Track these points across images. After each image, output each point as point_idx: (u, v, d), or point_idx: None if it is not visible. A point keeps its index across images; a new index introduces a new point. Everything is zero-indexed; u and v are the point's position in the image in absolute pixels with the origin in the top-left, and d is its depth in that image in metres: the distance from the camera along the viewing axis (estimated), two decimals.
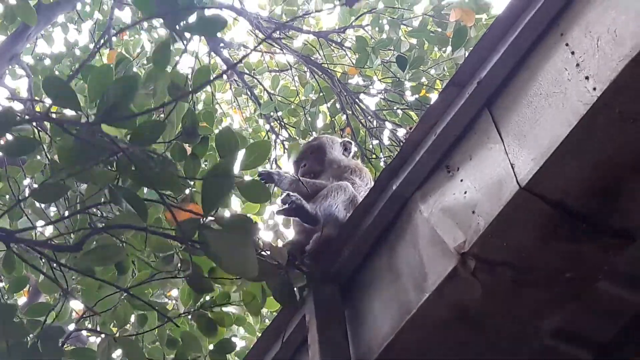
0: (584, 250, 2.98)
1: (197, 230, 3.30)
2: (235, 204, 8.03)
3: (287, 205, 4.18)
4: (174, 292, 7.07)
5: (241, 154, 3.89)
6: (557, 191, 2.84)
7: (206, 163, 4.75)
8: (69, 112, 3.75)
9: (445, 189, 3.29)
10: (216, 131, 4.05)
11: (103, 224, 4.24)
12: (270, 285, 3.74)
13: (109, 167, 3.74)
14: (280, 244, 4.61)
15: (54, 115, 3.71)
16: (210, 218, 3.30)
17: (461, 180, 3.20)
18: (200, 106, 9.56)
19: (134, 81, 3.43)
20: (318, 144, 5.11)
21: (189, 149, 4.03)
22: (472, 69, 3.25)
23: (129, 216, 3.56)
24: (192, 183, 4.09)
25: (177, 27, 3.32)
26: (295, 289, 3.78)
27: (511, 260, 3.03)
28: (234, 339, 4.49)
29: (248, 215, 3.82)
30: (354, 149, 5.26)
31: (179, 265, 4.09)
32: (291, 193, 4.24)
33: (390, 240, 3.59)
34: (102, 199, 3.94)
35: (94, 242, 3.89)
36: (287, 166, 11.56)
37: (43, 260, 4.58)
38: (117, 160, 3.52)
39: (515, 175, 2.88)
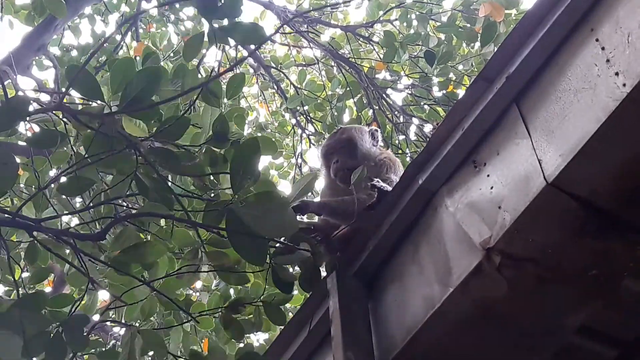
0: (610, 248, 2.99)
1: (225, 214, 3.34)
2: None
3: (375, 196, 4.08)
4: (198, 284, 7.11)
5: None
6: (585, 187, 2.84)
7: None
8: (93, 104, 3.79)
9: (471, 184, 3.29)
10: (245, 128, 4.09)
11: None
12: (300, 269, 3.78)
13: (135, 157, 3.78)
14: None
15: (79, 107, 3.75)
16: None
17: (488, 176, 3.20)
18: (225, 100, 9.59)
19: (158, 73, 3.46)
20: (347, 137, 5.00)
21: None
22: (501, 64, 3.25)
23: (154, 206, 3.60)
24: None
25: (213, 21, 3.36)
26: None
27: (537, 256, 3.04)
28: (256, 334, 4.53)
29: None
30: (380, 136, 5.20)
31: (202, 258, 4.13)
32: (376, 183, 4.15)
33: (415, 235, 3.60)
34: (127, 191, 3.98)
35: (120, 235, 3.94)
36: (312, 160, 11.60)
37: (68, 250, 4.65)
38: (140, 153, 3.55)
39: (542, 170, 2.89)
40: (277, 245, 3.84)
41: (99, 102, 3.61)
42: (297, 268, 3.98)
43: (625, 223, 2.95)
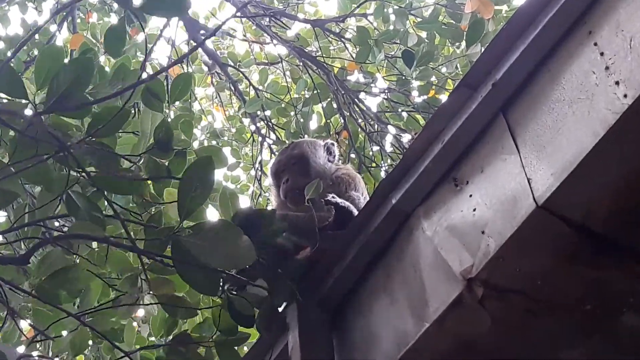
0: (608, 278, 3.01)
1: (170, 241, 3.33)
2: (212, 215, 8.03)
3: (332, 216, 4.11)
4: (140, 312, 7.06)
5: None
6: (579, 210, 2.86)
7: None
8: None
9: (451, 204, 3.31)
10: (196, 133, 4.09)
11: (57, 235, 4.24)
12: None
13: (65, 169, 3.74)
14: None
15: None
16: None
17: (470, 196, 3.22)
18: (176, 102, 9.55)
19: (89, 65, 3.43)
20: (299, 152, 5.02)
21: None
22: (487, 69, 3.27)
23: (87, 225, 3.57)
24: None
25: (131, 3, 3.34)
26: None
27: (525, 287, 3.05)
28: None
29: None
30: (337, 150, 5.20)
31: (143, 286, 4.09)
32: (330, 197, 4.19)
33: (387, 261, 3.60)
34: (57, 210, 3.95)
35: (45, 258, 3.90)
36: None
37: None
38: (73, 157, 3.50)
39: (532, 191, 2.90)
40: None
41: (23, 100, 3.58)
42: None
43: (624, 249, 2.96)
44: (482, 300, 3.05)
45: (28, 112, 3.60)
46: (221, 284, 3.66)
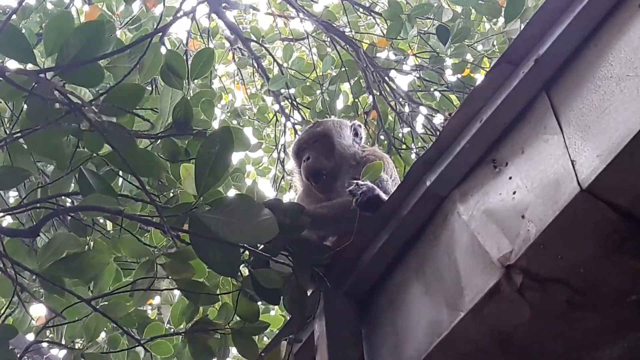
0: None
1: (188, 217, 3.34)
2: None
3: (359, 197, 4.11)
4: (156, 299, 7.09)
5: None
6: (626, 196, 2.84)
7: None
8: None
9: (490, 187, 3.30)
10: (216, 112, 4.09)
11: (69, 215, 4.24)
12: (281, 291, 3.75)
13: (80, 145, 3.75)
14: None
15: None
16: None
17: (510, 178, 3.21)
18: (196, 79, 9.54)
19: (101, 29, 3.42)
20: (323, 130, 5.02)
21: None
22: (528, 45, 3.26)
23: (100, 198, 3.57)
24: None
25: None
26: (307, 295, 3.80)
27: (566, 277, 3.04)
28: None
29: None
30: (364, 132, 5.17)
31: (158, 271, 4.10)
32: (360, 182, 4.18)
33: (420, 247, 3.60)
34: (71, 188, 3.95)
35: (52, 240, 3.90)
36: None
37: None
38: (86, 117, 3.50)
39: (576, 174, 2.89)
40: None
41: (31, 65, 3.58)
42: None
43: None
44: (521, 290, 3.05)
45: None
46: (241, 262, 3.65)
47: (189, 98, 4.17)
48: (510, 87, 3.27)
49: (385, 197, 4.12)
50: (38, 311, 6.32)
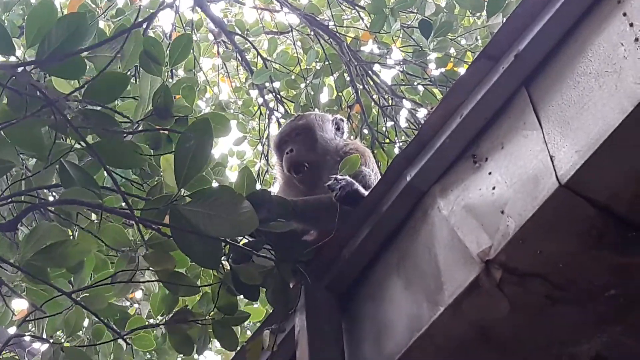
0: (633, 264, 3.00)
1: (169, 210, 3.32)
2: None
3: (338, 192, 4.12)
4: (138, 294, 7.08)
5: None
6: (604, 191, 2.85)
7: None
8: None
9: (469, 182, 3.30)
10: (201, 105, 4.08)
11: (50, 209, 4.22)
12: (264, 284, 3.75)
13: (62, 138, 3.73)
14: None
15: None
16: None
17: (489, 173, 3.21)
18: (180, 72, 9.53)
19: (83, 21, 3.40)
20: (305, 123, 5.03)
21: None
22: (509, 40, 3.26)
23: (80, 192, 3.56)
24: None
25: None
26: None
27: (545, 271, 3.05)
28: (207, 354, 4.50)
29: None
30: (346, 127, 5.18)
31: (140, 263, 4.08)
32: (339, 177, 4.19)
33: (401, 242, 3.60)
34: (53, 180, 3.94)
35: (34, 231, 3.88)
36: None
37: None
38: (60, 112, 3.48)
39: (555, 169, 2.90)
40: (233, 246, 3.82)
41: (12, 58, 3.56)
42: None
43: None
44: (500, 285, 3.05)
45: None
46: (223, 255, 3.65)
47: (169, 85, 4.15)
48: (490, 82, 3.27)
49: (364, 191, 4.14)
50: (20, 305, 6.30)
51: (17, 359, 6.95)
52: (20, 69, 3.51)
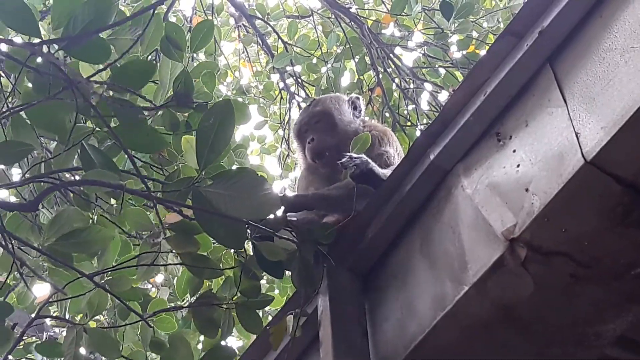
0: None
1: (191, 192, 3.32)
2: None
3: (352, 170, 4.11)
4: (158, 279, 7.10)
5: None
6: (631, 168, 2.83)
7: None
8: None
9: (494, 161, 3.28)
10: (222, 90, 4.08)
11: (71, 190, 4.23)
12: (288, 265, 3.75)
13: (83, 120, 3.74)
14: None
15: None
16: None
17: (514, 151, 3.19)
18: (201, 57, 9.52)
19: (109, 4, 3.41)
20: (322, 109, 4.99)
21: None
22: (533, 16, 3.24)
23: (101, 173, 3.56)
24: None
25: None
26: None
27: (570, 250, 3.03)
28: (229, 339, 4.50)
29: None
30: (362, 104, 5.15)
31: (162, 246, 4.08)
32: (354, 155, 4.18)
33: (424, 222, 3.59)
34: (73, 163, 3.94)
35: (58, 216, 3.89)
36: None
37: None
38: (81, 94, 3.48)
39: (580, 146, 2.88)
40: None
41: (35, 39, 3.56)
42: None
43: None
44: (525, 263, 3.03)
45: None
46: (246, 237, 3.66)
47: (189, 71, 4.15)
48: (514, 60, 3.26)
49: (379, 170, 4.12)
50: (42, 290, 6.33)
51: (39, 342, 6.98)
52: (43, 48, 3.51)
